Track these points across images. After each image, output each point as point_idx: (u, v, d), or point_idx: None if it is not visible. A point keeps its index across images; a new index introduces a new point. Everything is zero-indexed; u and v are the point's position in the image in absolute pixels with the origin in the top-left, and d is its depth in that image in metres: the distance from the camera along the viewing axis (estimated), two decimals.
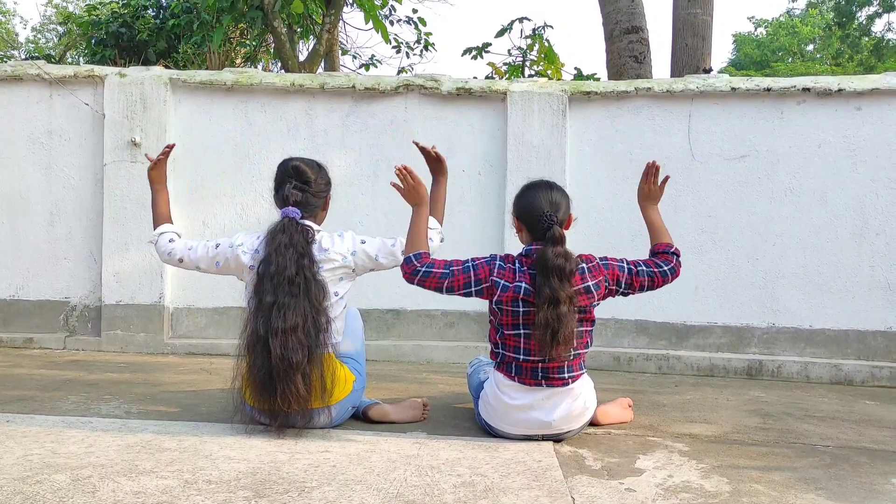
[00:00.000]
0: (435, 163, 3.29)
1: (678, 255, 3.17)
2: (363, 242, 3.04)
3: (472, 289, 2.86)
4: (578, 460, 2.63)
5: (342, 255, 2.97)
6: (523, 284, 2.81)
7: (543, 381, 2.83)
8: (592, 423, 3.12)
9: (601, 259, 2.99)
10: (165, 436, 2.74)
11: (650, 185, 3.33)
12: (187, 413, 3.18)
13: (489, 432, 2.96)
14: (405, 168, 2.99)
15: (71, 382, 3.79)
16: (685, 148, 4.95)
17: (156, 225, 3.16)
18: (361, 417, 3.15)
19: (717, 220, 4.92)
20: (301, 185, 3.02)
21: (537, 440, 2.87)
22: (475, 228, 5.04)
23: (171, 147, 3.26)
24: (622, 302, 4.92)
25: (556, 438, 2.89)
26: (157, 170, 3.19)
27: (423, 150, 3.27)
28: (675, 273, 3.11)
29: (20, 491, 2.05)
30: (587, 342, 2.91)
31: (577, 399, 2.88)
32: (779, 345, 4.85)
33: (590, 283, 2.86)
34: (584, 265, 2.89)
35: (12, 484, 2.11)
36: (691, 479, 2.45)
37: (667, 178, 3.29)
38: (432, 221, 3.13)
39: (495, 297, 2.84)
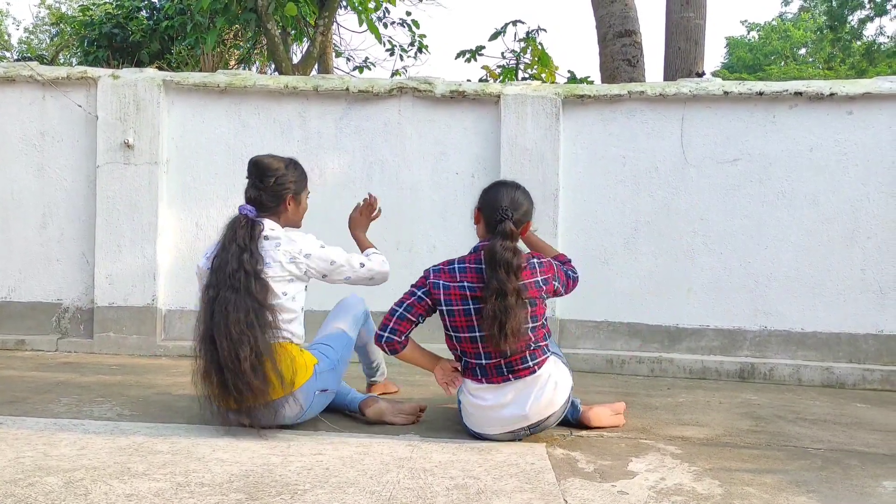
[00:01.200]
0: (368, 218, 3.50)
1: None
2: (322, 247, 3.03)
3: (428, 300, 2.94)
4: (571, 463, 2.64)
5: (291, 256, 2.97)
6: (465, 283, 2.87)
7: (511, 376, 2.86)
8: (584, 426, 3.13)
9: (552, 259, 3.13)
10: (158, 438, 2.73)
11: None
12: (180, 415, 3.17)
13: (478, 437, 2.97)
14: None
15: (63, 384, 3.78)
16: (678, 151, 4.96)
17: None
18: (358, 413, 3.16)
19: (710, 223, 4.93)
20: (254, 183, 3.08)
21: (523, 434, 2.88)
22: (468, 231, 5.03)
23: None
24: (615, 304, 4.94)
25: (540, 428, 2.91)
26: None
27: (373, 199, 3.48)
28: (577, 281, 3.20)
29: (12, 493, 2.05)
30: (544, 335, 2.95)
31: (548, 383, 2.89)
32: (771, 348, 4.86)
33: (539, 279, 2.91)
34: (534, 260, 2.96)
35: (4, 486, 2.10)
36: (683, 481, 2.46)
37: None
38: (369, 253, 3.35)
39: (440, 300, 2.90)
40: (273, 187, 3.06)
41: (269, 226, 3.01)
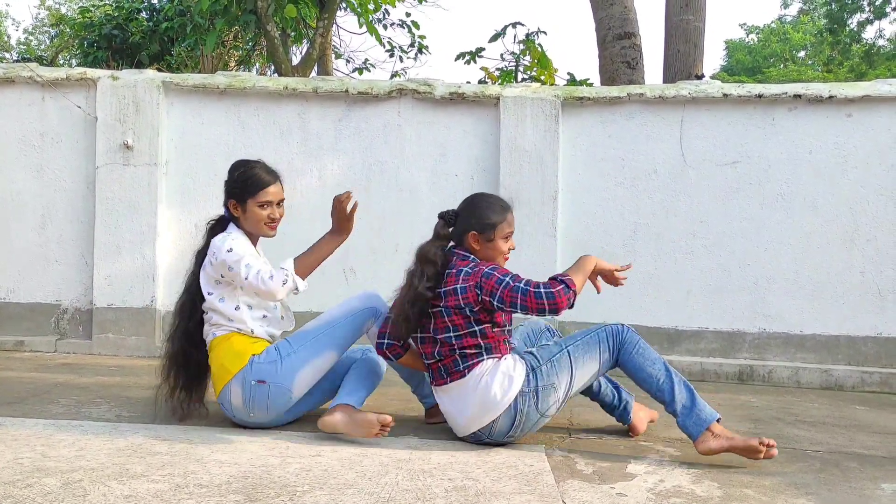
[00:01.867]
0: (344, 221, 3.22)
1: (567, 285, 2.76)
2: (230, 251, 2.95)
3: None
4: (570, 465, 2.64)
5: (210, 259, 3.03)
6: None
7: (448, 378, 2.86)
8: (632, 431, 3.16)
9: (493, 269, 2.83)
10: (156, 439, 2.73)
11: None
12: (178, 417, 3.17)
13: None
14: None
15: (62, 386, 3.78)
16: (677, 153, 4.97)
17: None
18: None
19: (709, 225, 4.94)
20: None
21: (485, 440, 2.85)
22: None
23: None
24: (612, 306, 4.94)
25: (492, 437, 2.83)
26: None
27: (338, 201, 3.18)
28: (553, 299, 2.70)
29: (10, 495, 2.05)
30: (477, 343, 2.81)
31: (477, 390, 2.79)
32: (770, 350, 4.86)
33: (458, 286, 2.82)
34: (465, 268, 2.84)
35: (2, 488, 2.10)
36: (682, 483, 2.46)
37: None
38: (288, 263, 3.02)
39: None
40: (225, 189, 3.16)
41: (227, 229, 3.10)
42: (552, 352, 2.89)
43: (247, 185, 3.08)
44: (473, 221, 2.92)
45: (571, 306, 2.76)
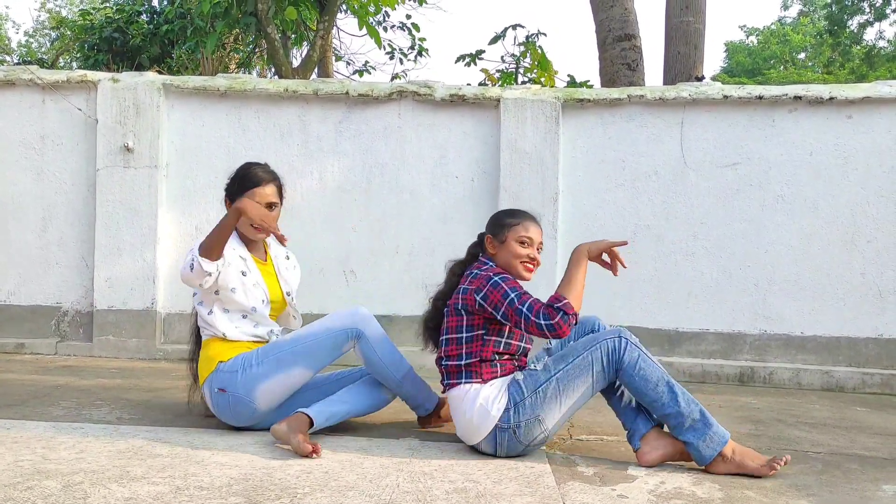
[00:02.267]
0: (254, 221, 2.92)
1: (565, 312, 2.59)
2: (190, 249, 2.91)
3: None
4: (571, 467, 2.64)
5: None
6: None
7: (446, 386, 2.83)
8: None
9: (503, 280, 2.72)
10: (157, 442, 2.73)
11: None
12: (179, 419, 3.17)
13: None
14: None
15: (62, 388, 3.78)
16: (678, 155, 4.97)
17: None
18: None
19: (710, 227, 4.94)
20: None
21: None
22: (468, 235, 5.02)
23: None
24: (613, 308, 4.94)
25: (482, 451, 2.77)
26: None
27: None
28: (553, 330, 2.58)
29: (11, 497, 2.04)
30: (459, 356, 2.75)
31: (458, 412, 2.75)
32: (770, 351, 4.86)
33: (461, 286, 2.80)
34: (477, 271, 2.79)
35: (3, 490, 2.10)
36: (683, 485, 2.46)
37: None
38: (196, 244, 2.88)
39: None
40: None
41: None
42: (539, 381, 2.69)
43: (240, 182, 3.06)
44: (489, 225, 2.93)
45: (576, 324, 2.67)
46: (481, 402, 2.67)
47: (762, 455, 2.60)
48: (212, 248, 2.81)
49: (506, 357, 2.79)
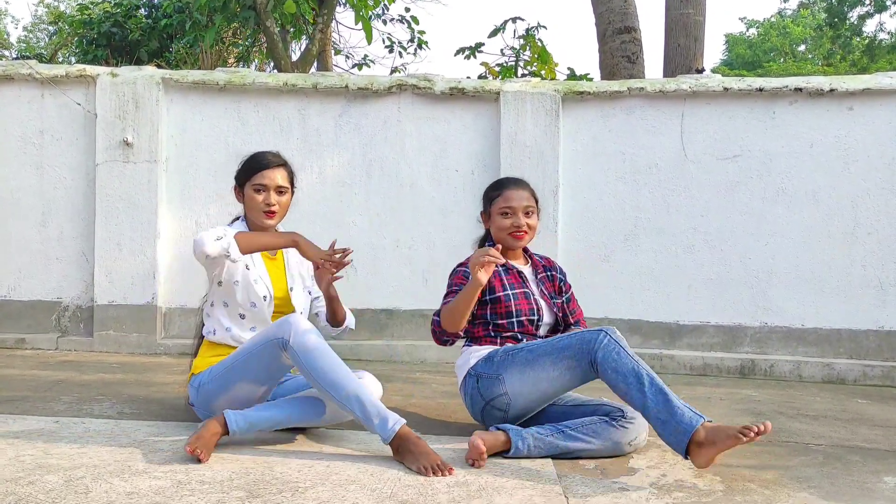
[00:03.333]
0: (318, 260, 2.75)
1: (433, 322, 2.91)
2: (197, 234, 2.86)
3: None
4: (573, 460, 2.63)
5: None
6: None
7: None
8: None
9: (458, 268, 2.99)
10: (158, 436, 2.73)
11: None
12: (180, 413, 3.17)
13: None
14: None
15: (63, 383, 3.78)
16: (678, 148, 4.96)
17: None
18: None
19: (710, 219, 4.93)
20: None
21: None
22: (468, 228, 5.04)
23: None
24: (614, 301, 4.94)
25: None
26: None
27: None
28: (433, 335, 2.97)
29: (12, 492, 2.04)
30: (469, 329, 2.96)
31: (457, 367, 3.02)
32: (771, 344, 4.86)
33: None
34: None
35: (4, 485, 2.10)
36: (685, 478, 2.46)
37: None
38: (233, 228, 2.84)
39: None
40: None
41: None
42: (518, 347, 2.80)
43: (247, 166, 3.00)
44: (482, 201, 3.04)
45: (446, 339, 2.88)
46: (468, 354, 2.92)
47: (734, 426, 2.36)
48: (249, 246, 2.74)
49: (507, 336, 2.92)
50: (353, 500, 2.10)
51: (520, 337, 2.92)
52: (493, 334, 2.92)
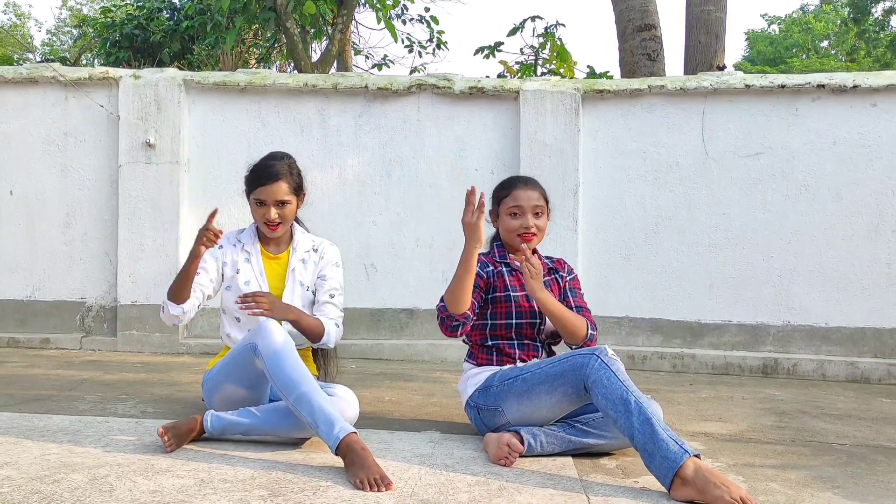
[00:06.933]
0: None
1: (438, 310, 2.77)
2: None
3: None
4: (593, 459, 2.63)
5: None
6: None
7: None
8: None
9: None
10: None
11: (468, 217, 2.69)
12: (202, 413, 3.18)
13: None
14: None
15: (87, 382, 3.82)
16: (699, 145, 4.93)
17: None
18: None
19: (732, 217, 4.90)
20: None
21: None
22: (488, 227, 5.03)
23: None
24: (636, 300, 4.92)
25: None
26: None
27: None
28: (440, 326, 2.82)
29: (38, 490, 2.07)
30: (468, 335, 2.92)
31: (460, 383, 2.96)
32: (794, 343, 4.82)
33: None
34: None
35: (30, 483, 2.12)
36: None
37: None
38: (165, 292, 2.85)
39: None
40: None
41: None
42: (512, 374, 2.69)
43: (250, 178, 2.94)
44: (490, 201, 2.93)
45: (455, 323, 2.66)
46: (468, 376, 2.85)
47: (738, 485, 2.14)
48: (176, 291, 2.77)
49: (503, 344, 2.82)
50: (375, 499, 2.10)
51: (518, 350, 2.82)
52: (490, 353, 2.82)
